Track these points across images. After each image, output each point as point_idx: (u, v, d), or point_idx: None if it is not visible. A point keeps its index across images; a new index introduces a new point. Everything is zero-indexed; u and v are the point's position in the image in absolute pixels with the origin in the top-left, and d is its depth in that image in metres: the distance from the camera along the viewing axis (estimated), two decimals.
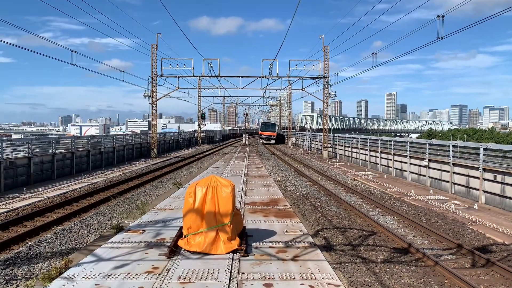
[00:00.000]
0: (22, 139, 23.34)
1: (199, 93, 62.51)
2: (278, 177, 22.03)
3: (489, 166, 16.45)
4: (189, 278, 6.06)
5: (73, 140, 26.79)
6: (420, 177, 22.56)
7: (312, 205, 15.33)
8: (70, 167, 25.17)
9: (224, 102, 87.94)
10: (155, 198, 15.97)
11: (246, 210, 11.29)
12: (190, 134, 64.16)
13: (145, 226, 9.41)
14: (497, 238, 11.04)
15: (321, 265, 6.71)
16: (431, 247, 10.35)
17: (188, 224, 7.34)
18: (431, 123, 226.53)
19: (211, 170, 22.18)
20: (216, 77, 38.05)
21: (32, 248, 9.59)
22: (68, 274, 6.22)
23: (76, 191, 18.11)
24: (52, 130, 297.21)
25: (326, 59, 38.36)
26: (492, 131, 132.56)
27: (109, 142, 32.28)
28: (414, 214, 14.20)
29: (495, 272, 8.48)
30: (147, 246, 7.75)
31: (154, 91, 38.02)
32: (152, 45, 37.57)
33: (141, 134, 47.69)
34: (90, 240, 10.60)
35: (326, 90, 38.72)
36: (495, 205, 15.86)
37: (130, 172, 25.23)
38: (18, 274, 8.00)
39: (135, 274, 6.21)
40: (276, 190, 15.19)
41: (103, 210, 14.14)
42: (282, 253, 7.32)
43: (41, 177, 21.81)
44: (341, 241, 10.66)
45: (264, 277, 6.13)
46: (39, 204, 15.14)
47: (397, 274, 8.29)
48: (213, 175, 7.69)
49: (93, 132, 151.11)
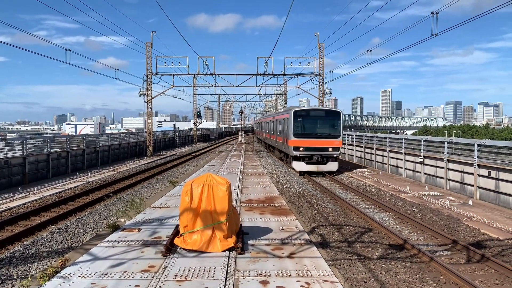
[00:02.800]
0: (16, 138, 23.24)
1: (194, 91, 62.33)
2: (274, 174, 22.06)
3: (483, 162, 16.55)
4: (185, 276, 6.07)
5: (68, 139, 26.68)
6: (415, 174, 22.66)
7: (308, 202, 15.37)
8: (65, 166, 25.06)
9: (220, 100, 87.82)
10: (151, 197, 15.93)
11: (242, 208, 11.30)
12: (185, 132, 64.02)
13: (141, 224, 9.40)
14: (492, 233, 11.12)
15: (317, 262, 6.74)
16: (426, 243, 10.41)
17: (185, 222, 7.34)
18: (426, 119, 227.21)
19: (207, 168, 22.16)
20: (211, 75, 37.99)
21: (27, 248, 9.56)
22: (64, 273, 6.20)
23: (72, 190, 18.04)
24: (47, 129, 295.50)
25: (321, 56, 38.37)
26: (486, 128, 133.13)
27: (105, 141, 32.17)
28: (409, 210, 14.27)
29: (489, 267, 8.55)
30: (143, 244, 7.75)
31: (149, 89, 37.88)
32: (147, 43, 37.42)
33: (136, 132, 47.53)
34: (86, 239, 10.57)
35: (321, 87, 38.75)
36: (489, 201, 15.97)
37: (125, 171, 25.16)
38: (13, 273, 7.97)
39: (132, 273, 6.20)
40: (272, 188, 15.21)
41: (99, 209, 14.10)
42: (278, 250, 7.35)
43: (36, 176, 21.70)
44: (337, 238, 10.69)
45: (261, 274, 6.15)
46: (34, 203, 15.08)
47: (393, 270, 8.33)
48: (209, 173, 7.70)
49: (88, 131, 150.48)
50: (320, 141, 23.00)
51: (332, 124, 23.70)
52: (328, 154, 22.86)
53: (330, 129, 23.56)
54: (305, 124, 23.88)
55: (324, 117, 24.22)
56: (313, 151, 22.82)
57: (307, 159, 22.99)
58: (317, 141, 23.03)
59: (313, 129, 23.81)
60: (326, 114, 24.35)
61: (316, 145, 22.92)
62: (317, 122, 24.21)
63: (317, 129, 23.78)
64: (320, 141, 23.01)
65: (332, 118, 23.86)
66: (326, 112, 24.68)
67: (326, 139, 23.03)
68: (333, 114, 24.14)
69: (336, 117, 23.78)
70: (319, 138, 23.15)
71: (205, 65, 36.86)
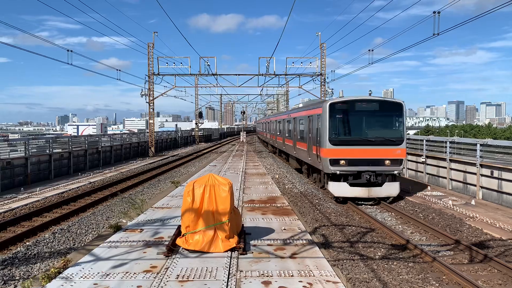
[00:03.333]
0: (19, 139, 23.30)
1: (196, 91, 62.41)
2: (276, 174, 22.05)
3: (486, 162, 16.50)
4: (187, 277, 6.06)
5: (70, 140, 26.74)
6: (417, 174, 22.61)
7: (310, 202, 15.34)
8: (68, 166, 25.10)
9: (221, 100, 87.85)
10: (153, 197, 15.95)
11: (244, 208, 11.30)
12: (187, 133, 64.10)
13: (143, 225, 9.41)
14: (495, 233, 11.08)
15: (319, 262, 6.73)
16: (429, 243, 10.39)
17: (186, 223, 7.35)
18: (428, 119, 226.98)
19: (209, 169, 22.17)
20: (213, 75, 38.01)
21: (30, 248, 9.57)
22: (66, 274, 6.21)
23: (74, 190, 18.07)
24: (49, 129, 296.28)
25: (323, 56, 38.37)
26: (489, 127, 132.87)
27: (107, 142, 32.23)
28: (411, 210, 14.24)
29: (492, 267, 8.52)
30: (145, 245, 7.75)
31: (151, 90, 37.93)
32: (149, 44, 37.48)
33: (138, 133, 47.60)
34: (88, 239, 10.58)
35: (323, 87, 38.73)
36: (492, 201, 15.91)
37: (127, 171, 25.19)
38: (16, 274, 7.98)
39: (134, 273, 6.21)
40: (274, 188, 15.20)
41: (101, 210, 14.11)
42: (280, 251, 7.34)
43: (38, 177, 21.74)
44: (339, 238, 10.67)
45: (263, 274, 6.15)
46: (36, 204, 15.10)
47: (395, 271, 8.31)
48: (211, 174, 7.70)
49: (91, 131, 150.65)
50: (372, 150, 15.00)
51: (390, 123, 15.85)
52: (385, 170, 15.00)
53: (388, 131, 15.61)
54: (349, 124, 15.66)
55: (378, 113, 15.64)
56: (362, 165, 14.89)
57: (352, 178, 15.00)
58: (367, 150, 14.99)
59: (361, 131, 15.61)
60: (381, 108, 15.54)
61: (367, 156, 14.94)
62: (368, 120, 15.81)
63: (367, 131, 15.57)
64: (373, 150, 15.01)
65: (391, 114, 15.72)
66: (380, 105, 15.60)
67: (381, 146, 15.05)
68: (392, 107, 15.72)
69: (396, 111, 15.58)
70: (371, 145, 15.06)
71: (207, 65, 36.89)
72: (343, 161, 14.97)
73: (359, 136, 15.39)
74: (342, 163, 14.95)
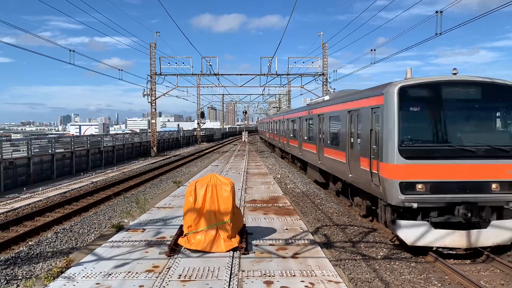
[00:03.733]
0: (21, 139, 23.38)
1: (198, 91, 62.41)
2: (278, 174, 22.04)
3: None
4: (189, 277, 6.07)
5: (73, 140, 26.81)
6: None
7: (312, 202, 15.33)
8: (70, 166, 25.16)
9: (223, 100, 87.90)
10: (155, 197, 15.96)
11: (246, 208, 11.31)
12: (189, 133, 64.18)
13: (145, 224, 9.42)
14: None
15: (321, 262, 6.73)
16: None
17: (188, 223, 7.36)
18: None
19: (211, 168, 22.19)
20: (215, 75, 38.01)
21: (32, 248, 9.60)
22: (69, 274, 6.23)
23: (76, 190, 18.11)
24: (51, 129, 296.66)
25: (325, 56, 38.34)
26: None
27: (109, 141, 32.30)
28: None
29: (495, 267, 8.49)
30: (148, 245, 7.77)
31: (153, 90, 37.99)
32: (151, 44, 37.52)
33: (140, 133, 47.67)
34: (90, 239, 10.60)
35: (325, 87, 38.69)
36: None
37: (130, 171, 25.22)
38: (18, 274, 8.00)
39: (136, 273, 6.22)
40: (276, 188, 15.20)
41: (103, 209, 14.14)
42: (282, 251, 7.34)
43: (41, 177, 21.80)
44: (341, 238, 10.66)
45: (265, 274, 6.15)
46: (39, 203, 15.14)
47: (397, 271, 8.29)
48: (213, 173, 7.71)
49: (93, 131, 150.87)
50: (472, 167, 8.93)
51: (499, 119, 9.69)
52: (493, 199, 8.97)
53: (497, 133, 9.66)
54: (433, 123, 9.43)
55: (482, 103, 9.52)
56: (454, 192, 8.91)
57: (436, 214, 9.11)
58: (464, 167, 8.92)
59: (453, 134, 9.42)
60: (487, 95, 9.44)
61: (463, 178, 8.90)
62: (464, 116, 9.67)
63: (462, 136, 9.45)
64: (474, 166, 8.94)
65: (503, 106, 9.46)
66: (485, 90, 9.41)
67: (487, 160, 8.98)
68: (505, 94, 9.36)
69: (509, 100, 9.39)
70: (470, 158, 8.97)
71: (209, 65, 36.90)
72: (422, 185, 8.92)
73: (449, 143, 9.17)
74: (420, 189, 8.90)
